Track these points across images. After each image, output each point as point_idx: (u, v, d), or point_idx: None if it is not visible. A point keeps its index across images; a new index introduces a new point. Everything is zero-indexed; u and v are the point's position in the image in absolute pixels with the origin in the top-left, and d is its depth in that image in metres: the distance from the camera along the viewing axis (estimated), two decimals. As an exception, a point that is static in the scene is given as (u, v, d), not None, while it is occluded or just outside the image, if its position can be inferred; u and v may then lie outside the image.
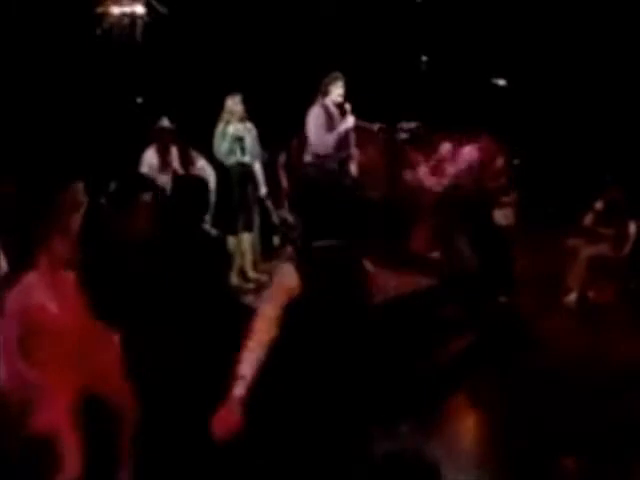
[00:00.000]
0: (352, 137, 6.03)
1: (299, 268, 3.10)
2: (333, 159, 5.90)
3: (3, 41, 9.61)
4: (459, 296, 6.51)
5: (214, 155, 6.60)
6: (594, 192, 7.41)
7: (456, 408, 5.24)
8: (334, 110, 5.91)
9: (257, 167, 6.63)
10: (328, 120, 5.84)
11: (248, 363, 3.02)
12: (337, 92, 5.90)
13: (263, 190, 6.71)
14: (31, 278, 3.62)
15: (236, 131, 6.34)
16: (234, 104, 6.35)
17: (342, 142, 5.90)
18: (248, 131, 6.44)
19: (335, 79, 5.94)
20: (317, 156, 5.91)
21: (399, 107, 9.75)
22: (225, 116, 6.37)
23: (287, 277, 3.12)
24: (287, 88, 6.48)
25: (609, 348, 5.97)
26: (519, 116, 10.24)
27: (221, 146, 6.34)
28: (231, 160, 6.38)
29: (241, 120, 6.38)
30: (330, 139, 5.80)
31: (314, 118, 5.86)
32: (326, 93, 5.92)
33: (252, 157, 6.50)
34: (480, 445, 4.77)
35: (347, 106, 5.90)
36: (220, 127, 6.36)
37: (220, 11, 10.72)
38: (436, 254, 7.67)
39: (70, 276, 3.80)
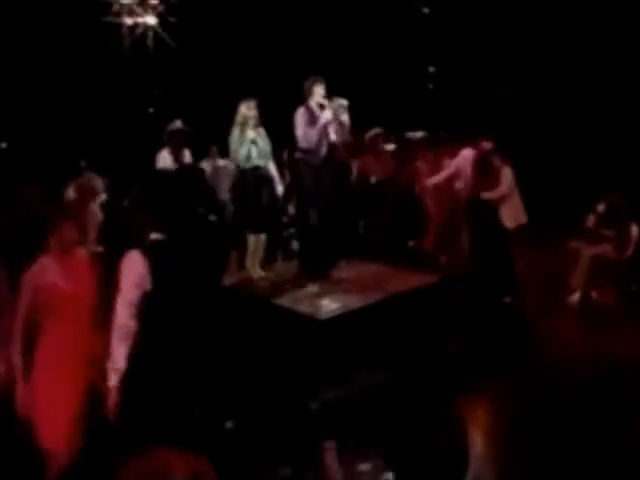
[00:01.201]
0: (331, 130, 6.47)
1: (145, 256, 3.41)
2: (317, 154, 6.40)
3: (21, 54, 9.85)
4: (462, 295, 6.60)
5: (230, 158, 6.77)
6: (595, 195, 7.48)
7: (463, 406, 5.25)
8: (316, 109, 6.39)
9: (271, 167, 6.77)
10: (311, 117, 6.36)
11: (119, 356, 3.44)
12: (319, 93, 6.40)
13: (279, 188, 6.87)
14: (45, 260, 3.82)
15: (252, 136, 6.45)
16: (248, 109, 6.45)
17: (323, 135, 6.39)
18: (260, 135, 6.58)
19: (316, 81, 6.44)
20: (304, 152, 6.43)
21: (406, 117, 9.91)
22: (239, 120, 6.46)
23: (137, 263, 3.43)
24: (292, 90, 6.64)
25: (610, 348, 6.03)
26: (523, 122, 10.33)
27: (240, 151, 6.44)
28: (248, 164, 6.51)
29: (255, 125, 6.51)
30: (313, 134, 6.32)
31: (299, 116, 6.37)
32: (310, 94, 6.41)
33: (265, 159, 6.64)
34: (486, 443, 4.79)
35: (326, 103, 6.37)
36: (236, 132, 6.45)
37: (228, 21, 10.93)
38: (443, 257, 7.80)
39: (82, 259, 4.00)
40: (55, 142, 9.46)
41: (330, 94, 6.59)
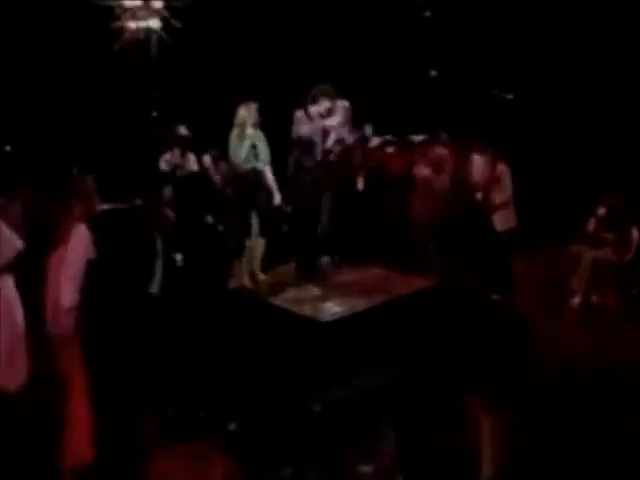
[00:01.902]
0: (332, 135, 6.73)
1: (90, 228, 3.50)
2: (312, 155, 6.61)
3: (25, 57, 9.90)
4: (462, 296, 6.64)
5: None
6: (596, 198, 7.51)
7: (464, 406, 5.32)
8: (315, 114, 6.61)
9: (269, 174, 6.72)
10: (306, 118, 6.62)
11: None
12: (324, 105, 6.63)
13: (277, 198, 6.80)
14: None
15: (251, 138, 6.45)
16: (248, 112, 6.44)
17: (317, 134, 6.64)
18: (259, 138, 6.58)
19: (324, 93, 6.61)
20: (297, 148, 6.68)
21: (407, 119, 9.94)
22: (238, 122, 6.46)
23: (82, 235, 3.50)
24: (293, 92, 6.71)
25: (610, 350, 6.07)
26: (523, 125, 10.36)
27: (239, 153, 6.44)
28: (247, 166, 6.51)
29: (254, 127, 6.51)
30: (306, 128, 6.57)
31: (299, 117, 6.63)
32: (314, 102, 6.59)
33: (264, 163, 6.64)
34: (487, 444, 4.75)
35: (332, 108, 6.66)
36: (235, 133, 6.46)
37: (229, 23, 10.96)
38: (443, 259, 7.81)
39: None
40: (58, 145, 9.50)
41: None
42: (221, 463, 3.34)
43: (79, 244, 3.54)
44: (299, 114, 6.54)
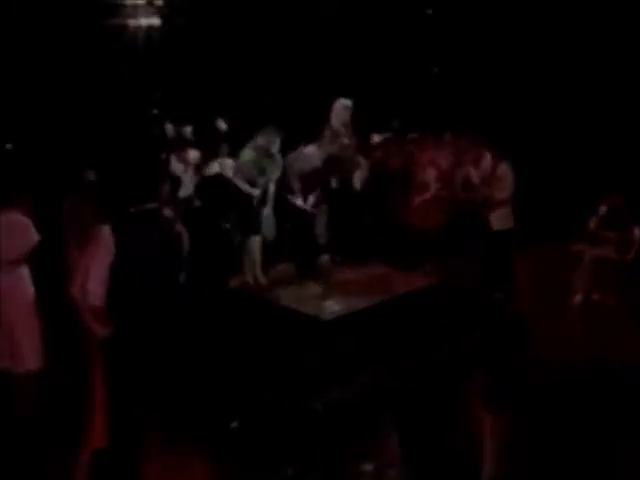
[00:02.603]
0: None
1: (114, 230, 3.53)
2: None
3: (23, 56, 9.91)
4: (462, 296, 6.66)
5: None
6: (597, 197, 7.52)
7: (467, 407, 5.27)
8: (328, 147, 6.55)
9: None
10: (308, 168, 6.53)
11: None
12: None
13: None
14: None
15: (266, 166, 6.44)
16: (270, 141, 6.38)
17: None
18: (275, 161, 6.53)
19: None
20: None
21: (409, 117, 9.96)
22: (256, 147, 6.42)
23: (108, 238, 3.54)
24: (293, 92, 6.64)
25: (611, 349, 6.06)
26: (525, 124, 10.38)
27: (253, 176, 6.41)
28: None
29: (275, 156, 6.48)
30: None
31: (304, 160, 6.56)
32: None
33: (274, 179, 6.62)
34: (487, 444, 4.74)
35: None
36: (252, 156, 6.41)
37: (230, 22, 10.98)
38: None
39: None
40: (59, 143, 9.52)
41: (333, 94, 6.63)
42: (204, 467, 3.37)
43: (106, 247, 3.55)
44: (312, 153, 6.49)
